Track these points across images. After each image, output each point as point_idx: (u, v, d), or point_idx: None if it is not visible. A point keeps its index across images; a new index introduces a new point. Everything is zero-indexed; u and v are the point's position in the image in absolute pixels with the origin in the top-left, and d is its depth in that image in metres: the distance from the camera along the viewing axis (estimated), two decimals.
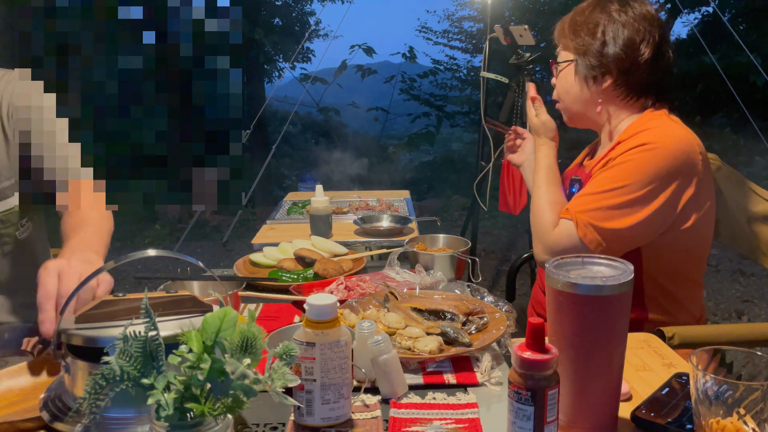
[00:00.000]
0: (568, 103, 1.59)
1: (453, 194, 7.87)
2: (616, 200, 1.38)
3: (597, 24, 1.50)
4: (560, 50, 1.59)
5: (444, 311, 1.23)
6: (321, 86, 9.12)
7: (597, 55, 1.49)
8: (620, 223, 1.38)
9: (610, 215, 1.38)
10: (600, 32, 1.49)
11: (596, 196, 1.40)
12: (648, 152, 1.39)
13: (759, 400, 0.75)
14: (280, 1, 9.68)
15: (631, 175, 1.38)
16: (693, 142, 1.43)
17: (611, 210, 1.38)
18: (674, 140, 1.41)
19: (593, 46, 1.49)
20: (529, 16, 8.79)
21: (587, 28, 1.51)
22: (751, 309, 4.10)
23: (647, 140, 1.40)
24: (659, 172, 1.38)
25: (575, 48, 1.53)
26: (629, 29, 1.47)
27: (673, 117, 1.51)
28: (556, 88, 1.61)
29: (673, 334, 1.34)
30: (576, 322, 0.85)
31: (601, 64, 1.49)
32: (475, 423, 0.92)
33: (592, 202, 1.40)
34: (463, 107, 10.59)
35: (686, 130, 1.46)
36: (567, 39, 1.55)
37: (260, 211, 6.71)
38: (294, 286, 1.49)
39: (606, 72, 1.49)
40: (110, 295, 1.03)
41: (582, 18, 1.53)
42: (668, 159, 1.38)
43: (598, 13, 1.51)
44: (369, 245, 2.04)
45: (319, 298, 0.90)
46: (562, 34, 1.58)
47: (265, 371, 0.73)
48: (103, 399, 0.70)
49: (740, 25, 9.35)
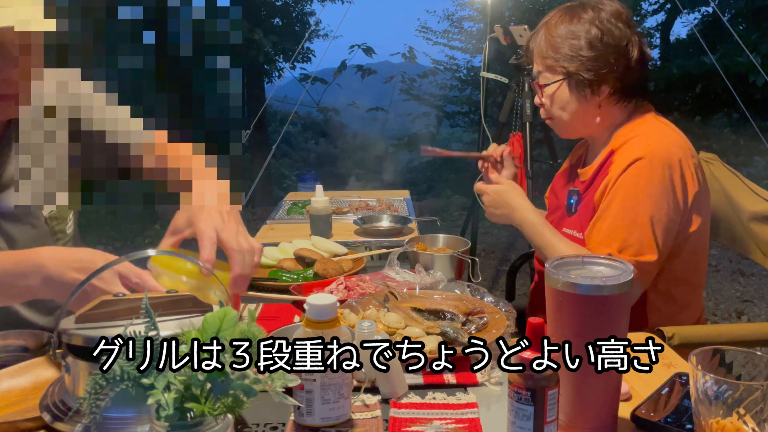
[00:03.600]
0: (566, 119, 1.54)
1: (453, 194, 7.86)
2: (636, 232, 1.38)
3: (578, 36, 1.45)
4: (542, 71, 1.53)
5: (444, 311, 1.23)
6: (321, 86, 9.11)
7: (591, 68, 1.45)
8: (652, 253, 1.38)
9: (638, 249, 1.38)
10: (586, 44, 1.45)
11: (616, 233, 1.39)
12: (643, 168, 1.39)
13: (759, 400, 0.75)
14: (280, 1, 9.67)
15: (637, 196, 1.39)
16: (683, 144, 1.45)
17: (637, 242, 1.38)
18: (665, 146, 1.42)
19: (584, 59, 1.45)
20: (529, 16, 8.78)
21: (569, 44, 1.46)
22: (750, 309, 4.10)
23: (640, 153, 1.40)
24: (664, 182, 1.38)
25: (563, 67, 1.48)
26: (612, 34, 1.44)
27: (659, 118, 1.52)
28: (546, 107, 1.56)
29: (673, 334, 1.34)
30: (576, 322, 0.85)
31: (597, 75, 1.45)
32: (475, 423, 0.92)
33: (615, 240, 1.39)
34: (463, 107, 10.59)
35: (675, 132, 1.48)
36: (549, 59, 1.49)
37: (260, 211, 6.70)
38: (294, 286, 1.49)
39: (602, 81, 1.46)
40: (110, 295, 1.03)
41: (559, 33, 1.48)
42: (665, 167, 1.39)
43: (575, 24, 1.46)
44: (369, 245, 2.04)
45: (319, 298, 0.90)
46: (541, 55, 1.51)
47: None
48: (103, 399, 0.70)
49: (740, 25, 9.35)
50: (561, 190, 1.68)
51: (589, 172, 1.54)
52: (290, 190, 5.17)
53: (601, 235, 1.41)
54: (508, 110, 3.47)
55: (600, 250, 1.39)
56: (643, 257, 1.37)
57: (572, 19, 1.47)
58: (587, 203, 1.51)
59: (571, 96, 1.50)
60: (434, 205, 7.44)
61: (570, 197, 1.60)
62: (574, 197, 1.59)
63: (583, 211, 1.52)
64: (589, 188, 1.53)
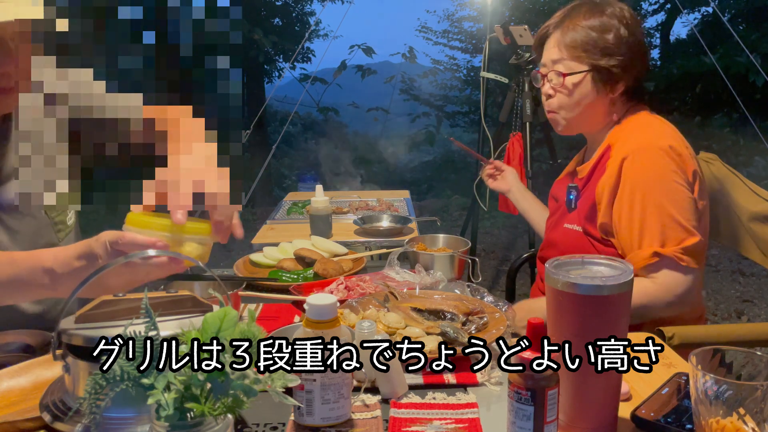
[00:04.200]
0: (578, 112, 1.54)
1: (453, 194, 7.86)
2: (668, 221, 1.38)
3: (609, 30, 1.47)
4: (565, 59, 1.51)
5: (444, 311, 1.23)
6: (321, 86, 9.11)
7: (617, 64, 1.47)
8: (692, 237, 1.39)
9: (679, 237, 1.38)
10: (616, 39, 1.46)
11: (651, 231, 1.39)
12: (645, 159, 1.41)
13: (759, 400, 0.75)
14: (280, 1, 9.68)
15: (651, 189, 1.40)
16: (676, 136, 1.47)
17: (674, 231, 1.38)
18: (657, 135, 1.45)
19: (613, 54, 1.47)
20: (529, 16, 8.78)
21: (602, 38, 1.47)
22: (750, 309, 4.10)
23: (635, 146, 1.42)
24: (668, 165, 1.41)
25: (593, 58, 1.48)
26: (635, 34, 1.48)
27: (653, 114, 1.55)
28: (558, 99, 1.55)
29: (673, 334, 1.34)
30: (576, 322, 0.85)
31: (623, 71, 1.48)
32: (475, 423, 0.92)
33: (654, 238, 1.39)
34: (463, 107, 10.59)
35: (667, 126, 1.51)
36: (578, 50, 1.49)
37: (260, 211, 6.70)
38: (294, 286, 1.49)
39: (621, 78, 1.49)
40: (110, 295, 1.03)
41: (588, 25, 1.48)
42: (662, 153, 1.41)
43: (605, 18, 1.48)
44: (369, 245, 2.04)
45: (319, 298, 0.90)
46: (565, 44, 1.51)
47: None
48: (103, 399, 0.70)
49: (740, 25, 9.35)
50: (560, 192, 1.69)
51: (586, 168, 1.55)
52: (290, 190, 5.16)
53: (636, 240, 1.41)
54: (508, 110, 3.47)
55: (644, 253, 1.38)
56: (687, 242, 1.38)
57: (602, 14, 1.49)
58: (587, 197, 1.52)
59: (591, 89, 1.51)
60: (434, 205, 7.44)
61: (569, 193, 1.61)
62: (573, 193, 1.60)
63: (583, 206, 1.53)
64: (588, 183, 1.54)
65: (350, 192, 2.99)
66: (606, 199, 1.45)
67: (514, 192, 1.98)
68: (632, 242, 1.41)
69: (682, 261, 1.37)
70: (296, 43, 8.06)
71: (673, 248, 1.37)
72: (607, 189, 1.45)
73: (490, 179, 2.04)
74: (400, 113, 10.85)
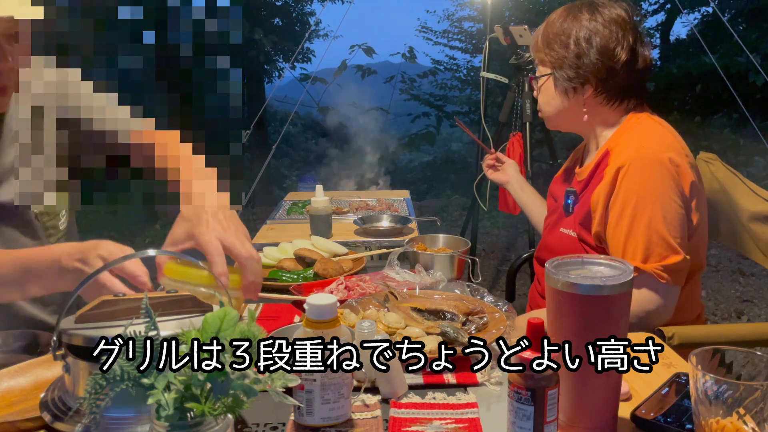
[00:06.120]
0: (550, 113, 1.61)
1: (453, 194, 7.87)
2: (654, 237, 1.38)
3: (569, 35, 1.50)
4: (537, 64, 1.60)
5: (444, 311, 1.23)
6: (321, 86, 9.11)
7: (573, 67, 1.50)
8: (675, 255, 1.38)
9: (662, 254, 1.38)
10: (573, 43, 1.49)
11: (635, 245, 1.39)
12: (640, 170, 1.40)
13: (759, 400, 0.75)
14: (280, 1, 9.68)
15: (644, 201, 1.39)
16: (675, 144, 1.46)
17: (658, 247, 1.38)
18: (656, 145, 1.44)
19: (568, 57, 1.50)
20: (529, 16, 8.78)
21: (560, 40, 1.51)
22: (750, 309, 4.10)
23: (633, 155, 1.42)
24: (663, 178, 1.39)
25: (551, 61, 1.54)
26: (601, 36, 1.48)
27: (655, 117, 1.53)
28: (539, 100, 1.62)
29: (673, 334, 1.34)
30: (576, 322, 0.85)
31: (578, 75, 1.50)
32: (475, 423, 0.92)
33: (636, 252, 1.39)
34: (463, 107, 10.58)
35: (668, 131, 1.49)
36: (541, 53, 1.56)
37: (260, 211, 6.71)
38: (294, 286, 1.49)
39: (585, 81, 1.50)
40: (110, 295, 1.03)
41: (553, 30, 1.53)
42: (659, 165, 1.40)
43: (569, 23, 1.51)
44: (369, 245, 2.04)
45: (319, 298, 0.90)
46: (536, 48, 1.58)
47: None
48: (103, 399, 0.70)
49: (740, 25, 9.35)
50: (559, 192, 1.69)
51: (585, 171, 1.55)
52: (290, 190, 5.15)
53: (620, 251, 1.41)
54: (508, 110, 3.47)
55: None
56: (669, 260, 1.37)
57: (568, 17, 1.52)
58: (583, 204, 1.52)
59: (555, 91, 1.56)
60: (434, 205, 7.44)
61: (567, 197, 1.61)
62: (571, 197, 1.60)
63: (579, 212, 1.53)
64: (586, 188, 1.53)
65: (350, 192, 2.99)
66: (601, 208, 1.45)
67: (513, 184, 1.97)
68: (615, 253, 1.42)
69: (661, 278, 1.37)
70: (296, 43, 8.06)
71: (654, 265, 1.37)
72: (602, 198, 1.45)
73: (489, 170, 2.03)
74: (400, 113, 10.85)
